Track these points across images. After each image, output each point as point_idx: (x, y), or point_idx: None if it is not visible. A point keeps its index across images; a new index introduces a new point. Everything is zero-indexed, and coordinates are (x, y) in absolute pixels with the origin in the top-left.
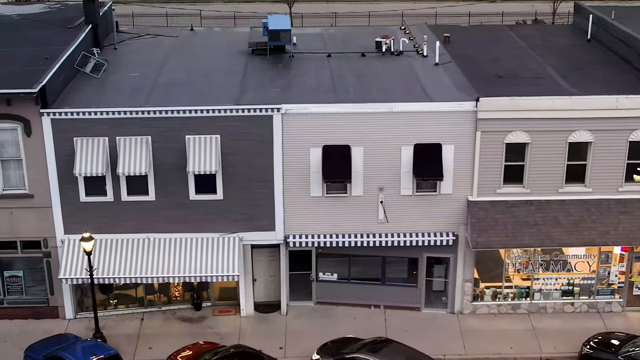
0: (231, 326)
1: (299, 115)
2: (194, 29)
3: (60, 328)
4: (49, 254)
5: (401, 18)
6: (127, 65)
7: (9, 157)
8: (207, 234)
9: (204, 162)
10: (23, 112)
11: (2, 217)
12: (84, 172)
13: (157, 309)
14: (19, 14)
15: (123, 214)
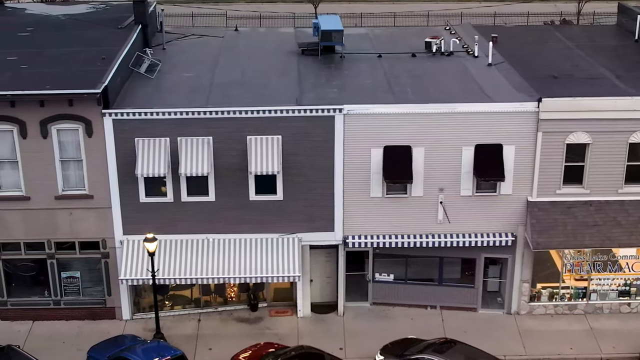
0: (288, 327)
1: (360, 116)
2: (238, 29)
3: (118, 329)
4: (107, 254)
5: (426, 18)
6: (178, 65)
7: (69, 157)
8: (266, 234)
9: (265, 162)
10: (85, 112)
11: (61, 217)
12: (145, 173)
13: (213, 309)
14: (66, 14)
15: (182, 214)
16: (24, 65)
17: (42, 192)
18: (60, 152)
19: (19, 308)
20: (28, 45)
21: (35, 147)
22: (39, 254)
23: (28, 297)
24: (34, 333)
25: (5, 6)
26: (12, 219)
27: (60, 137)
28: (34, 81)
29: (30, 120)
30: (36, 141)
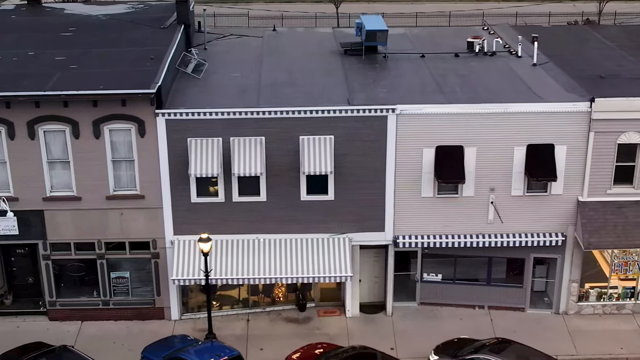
0: (338, 327)
1: (413, 116)
2: (276, 29)
3: (167, 329)
4: (157, 254)
5: (448, 18)
6: (223, 65)
7: (121, 157)
8: (317, 234)
9: (318, 162)
10: (137, 112)
11: (112, 217)
12: (199, 173)
13: (261, 309)
14: (106, 14)
15: (234, 214)
16: (73, 65)
17: (93, 192)
18: (112, 152)
19: (68, 308)
20: (73, 45)
21: (87, 147)
22: (89, 255)
23: (77, 297)
24: (84, 333)
25: (43, 6)
26: (63, 220)
27: (112, 137)
28: (86, 81)
29: (83, 120)
30: (88, 141)
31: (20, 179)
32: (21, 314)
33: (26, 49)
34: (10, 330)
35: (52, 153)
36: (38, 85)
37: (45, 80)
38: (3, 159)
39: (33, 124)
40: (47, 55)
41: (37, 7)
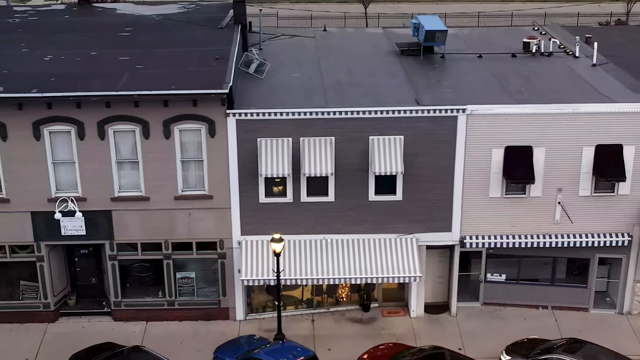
0: (403, 327)
1: (483, 116)
2: (327, 29)
3: (233, 330)
4: (224, 255)
5: (477, 19)
6: (280, 65)
7: (190, 158)
8: (384, 235)
9: (389, 163)
10: (208, 112)
11: (179, 218)
12: (269, 173)
13: (325, 310)
14: (159, 14)
15: (301, 215)
16: (139, 66)
17: (162, 192)
18: (182, 152)
19: (133, 309)
20: (134, 45)
21: (157, 148)
22: (156, 255)
23: (142, 297)
24: (150, 334)
25: (94, 6)
26: (131, 220)
27: (182, 138)
28: (155, 81)
29: (154, 121)
30: (158, 141)
31: (88, 180)
32: (85, 314)
33: (87, 49)
34: (76, 331)
35: (121, 153)
36: (108, 85)
37: (114, 80)
38: (72, 159)
39: (103, 124)
40: (110, 56)
41: (88, 7)
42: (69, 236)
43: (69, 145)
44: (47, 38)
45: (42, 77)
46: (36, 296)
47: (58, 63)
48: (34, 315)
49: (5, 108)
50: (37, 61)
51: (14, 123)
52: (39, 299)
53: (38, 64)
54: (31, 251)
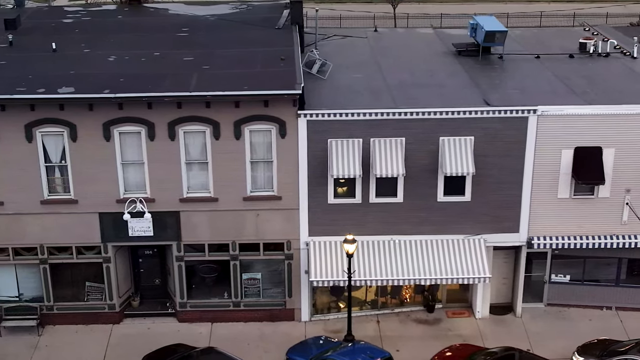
0: (470, 328)
1: (554, 117)
2: (377, 30)
3: (299, 331)
4: (290, 256)
5: (506, 19)
6: (338, 65)
7: (259, 158)
8: (452, 235)
9: (459, 163)
10: (279, 113)
11: (248, 218)
12: (340, 174)
13: (389, 311)
14: (213, 14)
15: (369, 215)
16: (205, 66)
17: (230, 193)
18: (251, 153)
19: (198, 310)
20: (194, 45)
21: (227, 148)
22: (223, 256)
23: (207, 298)
24: (216, 335)
25: (145, 6)
26: (199, 221)
27: (252, 138)
28: (225, 82)
29: (225, 121)
30: (228, 142)
31: (157, 180)
32: (149, 315)
33: (150, 50)
34: (142, 332)
35: (191, 154)
36: (179, 86)
37: (184, 81)
38: (141, 160)
39: (174, 125)
40: (174, 56)
41: (139, 7)
42: (136, 237)
43: (138, 146)
44: (105, 38)
45: (111, 78)
46: (101, 297)
47: (123, 64)
48: (99, 316)
49: (76, 109)
50: (101, 62)
51: (84, 124)
52: (104, 300)
53: (103, 64)
54: (98, 252)
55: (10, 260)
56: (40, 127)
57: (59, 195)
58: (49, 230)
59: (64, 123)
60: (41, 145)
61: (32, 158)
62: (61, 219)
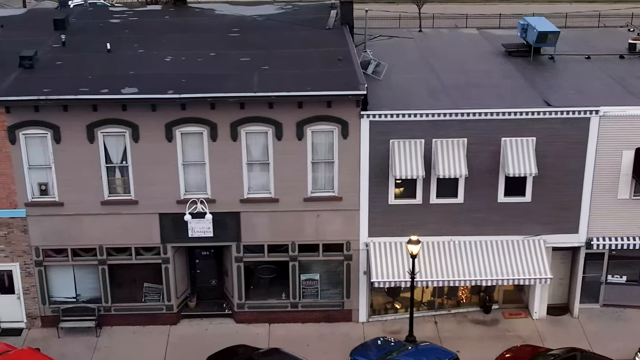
0: (528, 329)
1: (615, 118)
2: (422, 30)
3: (357, 332)
4: (349, 257)
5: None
6: (390, 66)
7: (321, 159)
8: (511, 236)
9: (522, 164)
10: (342, 114)
11: (308, 219)
12: (403, 175)
13: (446, 311)
14: (260, 15)
15: (429, 216)
16: (264, 67)
17: (291, 194)
18: (313, 154)
19: (256, 311)
20: (248, 46)
21: (288, 149)
22: (282, 257)
23: (265, 299)
24: (274, 335)
25: (190, 6)
26: (259, 221)
27: (314, 139)
28: (287, 82)
29: (287, 122)
30: (290, 143)
31: (218, 181)
32: (206, 316)
33: (203, 50)
34: (200, 333)
35: (252, 154)
36: (242, 86)
37: (246, 81)
38: (203, 160)
39: (236, 125)
40: (231, 57)
41: (184, 7)
42: (196, 238)
43: (200, 146)
44: (156, 38)
45: (173, 78)
46: (159, 298)
47: (181, 64)
48: (156, 317)
49: (138, 109)
50: (158, 62)
51: (147, 124)
52: (161, 301)
53: (161, 65)
54: (156, 253)
55: (68, 261)
56: (103, 128)
57: (119, 196)
58: (109, 231)
59: (126, 124)
60: (102, 145)
61: (93, 159)
62: (121, 219)
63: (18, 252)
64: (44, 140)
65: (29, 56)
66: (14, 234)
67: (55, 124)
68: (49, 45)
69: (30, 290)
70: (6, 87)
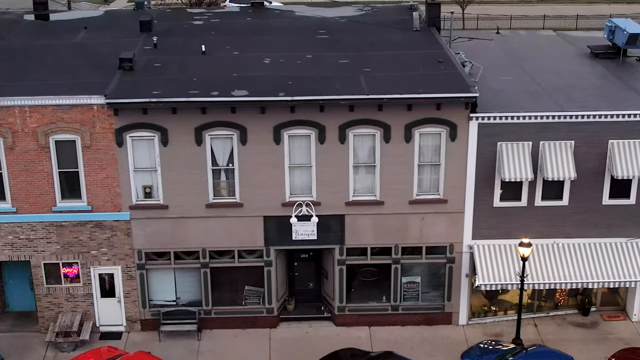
0: (628, 331)
1: None
2: (499, 32)
3: (458, 334)
4: (452, 259)
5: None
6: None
7: (427, 161)
8: (615, 238)
9: (630, 166)
10: (451, 116)
11: (412, 222)
12: (512, 177)
13: (544, 314)
14: (342, 17)
15: (533, 219)
16: (366, 69)
17: (396, 196)
18: (419, 156)
19: (355, 314)
20: (342, 48)
21: (395, 151)
22: (384, 259)
23: (366, 302)
24: (376, 338)
25: (267, 8)
26: (363, 224)
27: (421, 141)
28: (394, 85)
29: (396, 124)
30: (398, 145)
31: (324, 184)
32: (304, 319)
33: (298, 52)
34: (301, 336)
35: (359, 157)
36: (351, 89)
37: (353, 83)
38: (309, 163)
39: (345, 128)
40: (327, 58)
41: (262, 9)
42: (299, 241)
43: (307, 149)
44: (246, 40)
45: (279, 81)
46: (259, 301)
47: (280, 66)
48: (256, 320)
49: (247, 112)
50: (258, 64)
51: (255, 127)
52: (262, 304)
53: (262, 67)
54: (259, 256)
55: (170, 264)
56: (211, 130)
57: (224, 199)
58: (212, 234)
59: (235, 126)
60: (209, 148)
61: (200, 161)
62: (225, 222)
63: (120, 255)
64: (151, 143)
65: (128, 58)
66: (117, 237)
67: (163, 127)
68: (141, 47)
69: (130, 294)
70: (114, 90)
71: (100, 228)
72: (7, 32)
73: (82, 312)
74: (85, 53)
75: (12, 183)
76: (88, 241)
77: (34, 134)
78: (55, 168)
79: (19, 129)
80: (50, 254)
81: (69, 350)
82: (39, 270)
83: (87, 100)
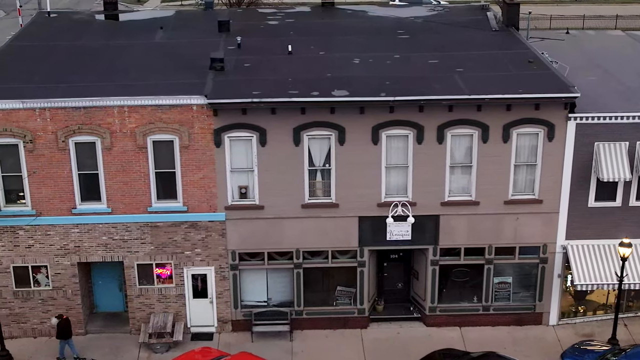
0: None
1: None
2: (569, 32)
3: (550, 335)
4: (545, 259)
5: (615, 20)
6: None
7: (523, 162)
8: None
9: None
10: (549, 116)
11: (507, 222)
12: (610, 177)
13: (633, 314)
14: (415, 16)
15: (627, 219)
16: (459, 69)
17: (492, 197)
18: (516, 157)
19: (446, 314)
20: (427, 48)
21: (493, 152)
22: (477, 260)
23: (457, 303)
24: (468, 339)
25: (339, 8)
26: (457, 224)
27: (518, 142)
28: (492, 85)
29: (494, 124)
30: (495, 145)
31: (420, 184)
32: (394, 319)
33: (385, 52)
34: (393, 337)
35: (455, 157)
36: (449, 89)
37: (450, 83)
38: (406, 163)
39: (443, 128)
40: (415, 59)
41: (333, 9)
42: (393, 241)
43: (404, 149)
44: (329, 40)
45: (376, 81)
46: (350, 302)
47: (371, 66)
48: (347, 320)
49: (346, 112)
50: (348, 64)
51: (353, 127)
52: (353, 305)
53: (353, 67)
54: (352, 256)
55: (263, 265)
56: (309, 131)
57: (319, 199)
58: (306, 235)
59: (334, 126)
60: (307, 148)
61: (296, 161)
62: (320, 223)
63: (214, 255)
64: (249, 143)
65: (220, 58)
66: (212, 237)
67: (262, 127)
68: (224, 47)
69: (222, 294)
70: (212, 90)
71: (195, 229)
72: (82, 33)
73: (173, 313)
74: (169, 53)
75: (109, 184)
76: (182, 242)
77: (132, 134)
78: (152, 168)
79: (117, 129)
80: (144, 255)
81: (162, 352)
82: (132, 271)
83: (187, 100)
